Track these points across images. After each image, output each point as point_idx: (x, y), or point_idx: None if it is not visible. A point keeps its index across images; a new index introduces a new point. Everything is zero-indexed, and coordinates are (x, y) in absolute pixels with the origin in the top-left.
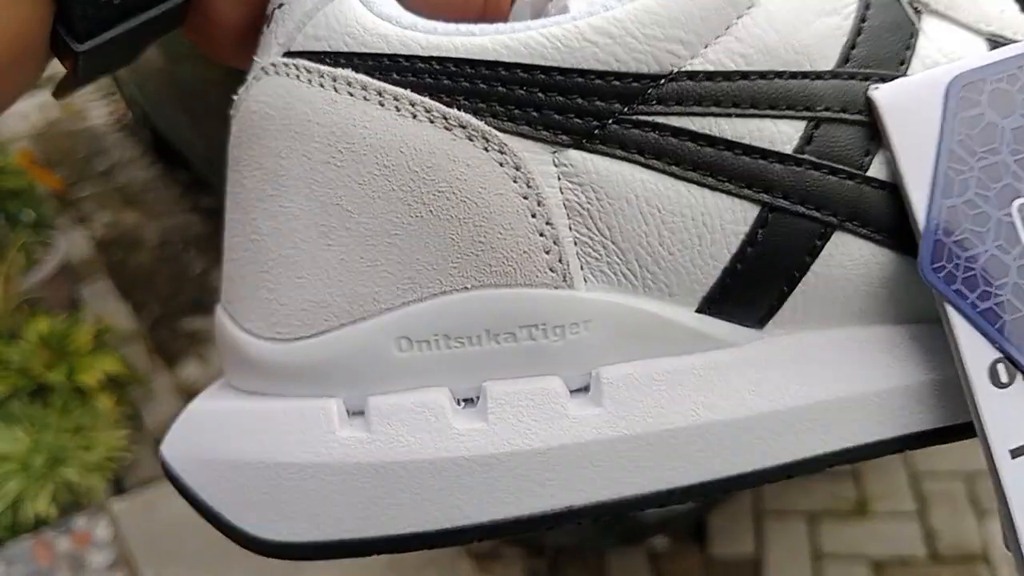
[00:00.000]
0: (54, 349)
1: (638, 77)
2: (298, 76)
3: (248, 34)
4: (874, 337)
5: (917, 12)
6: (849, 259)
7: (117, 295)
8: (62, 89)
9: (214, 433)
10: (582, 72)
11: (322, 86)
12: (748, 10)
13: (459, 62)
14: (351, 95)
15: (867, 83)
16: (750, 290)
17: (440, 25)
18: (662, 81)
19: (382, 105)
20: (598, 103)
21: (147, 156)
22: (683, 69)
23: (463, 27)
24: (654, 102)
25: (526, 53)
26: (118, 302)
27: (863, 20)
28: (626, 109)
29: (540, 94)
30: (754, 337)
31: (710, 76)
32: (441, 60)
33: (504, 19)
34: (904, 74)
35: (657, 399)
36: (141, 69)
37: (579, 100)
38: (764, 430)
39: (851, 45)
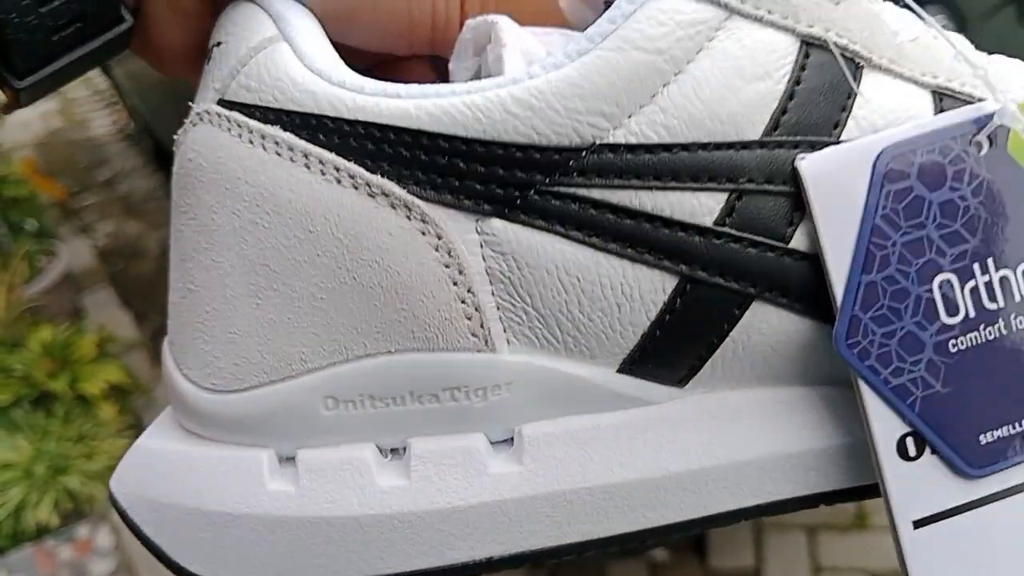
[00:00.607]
0: (57, 358)
1: (559, 150)
2: (229, 130)
3: (194, 55)
4: (791, 398)
5: (858, 68)
6: (768, 327)
7: (119, 304)
8: (6, 109)
9: (157, 474)
10: (503, 145)
11: (251, 143)
12: (675, 77)
13: (383, 128)
14: (279, 155)
15: (795, 151)
16: (669, 354)
17: (368, 83)
18: (583, 153)
19: (308, 168)
20: (519, 174)
21: (149, 166)
22: (605, 141)
23: (390, 88)
24: (575, 174)
25: (448, 123)
26: (120, 311)
27: (797, 83)
28: (547, 180)
29: (462, 164)
30: (674, 395)
31: (631, 149)
32: (365, 124)
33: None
34: (838, 138)
35: (576, 457)
36: (143, 79)
37: (500, 171)
38: (679, 488)
39: (782, 110)
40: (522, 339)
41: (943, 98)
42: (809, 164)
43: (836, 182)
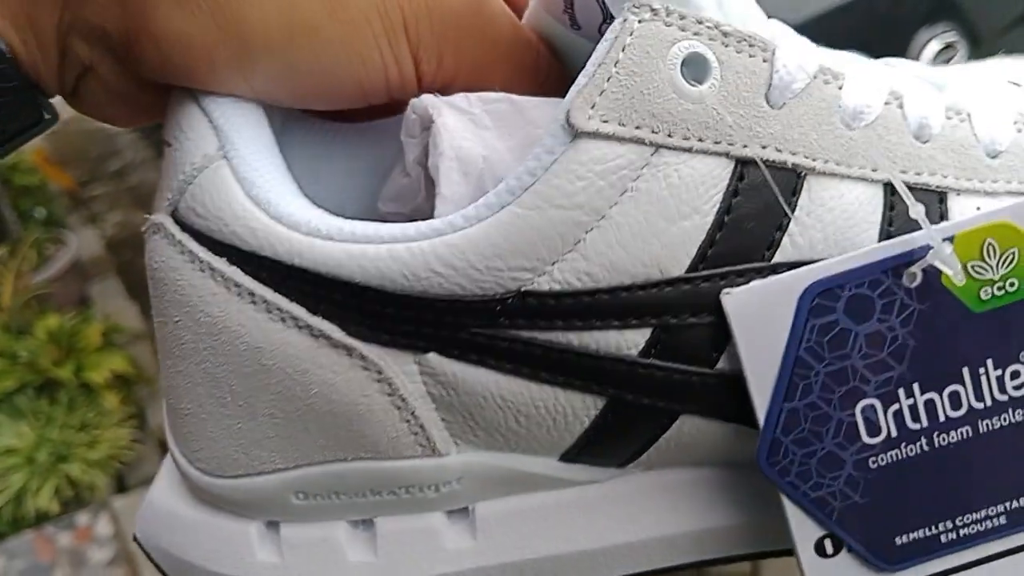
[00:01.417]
0: (62, 346)
1: (483, 301)
2: (183, 253)
3: (139, 119)
4: (724, 477)
5: (800, 177)
6: (697, 431)
7: (125, 295)
8: None
9: (168, 529)
10: (429, 300)
11: (202, 271)
12: (598, 222)
13: (317, 275)
14: (227, 289)
15: (722, 283)
16: (605, 451)
17: (304, 218)
18: (508, 301)
19: (254, 304)
20: (448, 319)
21: (160, 158)
22: (528, 289)
23: (323, 227)
24: (501, 318)
25: (376, 276)
26: (126, 301)
27: (728, 211)
28: (475, 324)
29: (392, 311)
30: (615, 474)
31: (555, 296)
32: (301, 270)
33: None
34: (770, 259)
35: (524, 532)
36: None
37: (429, 317)
38: (619, 554)
39: (709, 243)
40: (468, 442)
41: (895, 191)
42: (733, 300)
43: (760, 317)
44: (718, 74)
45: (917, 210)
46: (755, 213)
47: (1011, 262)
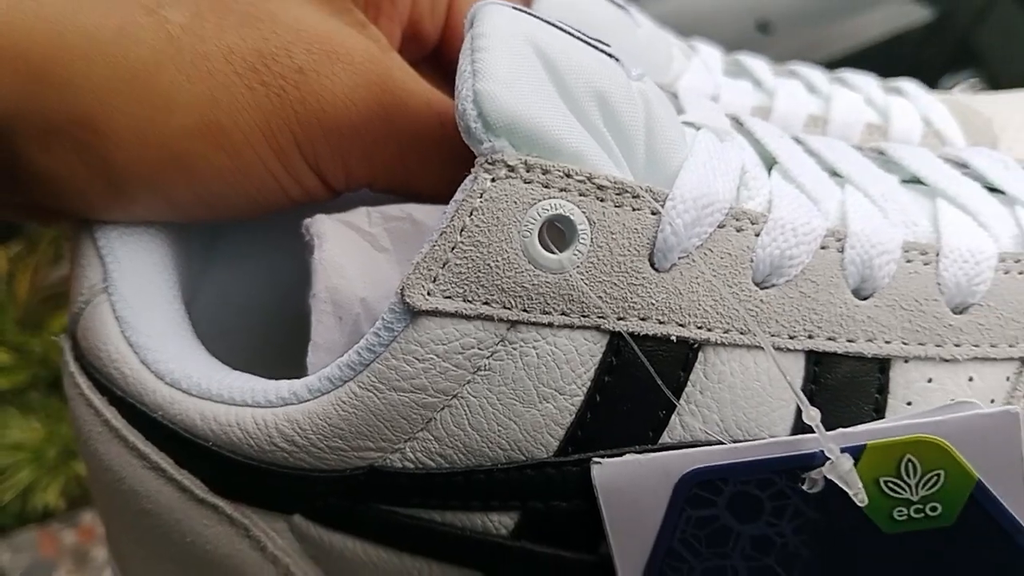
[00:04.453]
0: None
1: (331, 476)
2: (75, 386)
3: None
4: None
5: (693, 349)
6: None
7: None
8: None
9: None
10: (277, 472)
11: (88, 405)
12: (450, 401)
13: (175, 433)
14: (108, 430)
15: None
16: None
17: (168, 367)
18: (360, 477)
19: (129, 450)
20: (302, 488)
21: None
22: (380, 466)
23: (184, 378)
24: (357, 493)
25: (227, 443)
26: None
27: (601, 390)
28: (330, 495)
29: (248, 477)
30: None
31: (410, 475)
32: (162, 424)
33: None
34: (656, 442)
35: None
36: None
37: (284, 485)
38: None
39: (578, 425)
40: None
41: (819, 360)
42: (603, 473)
43: (631, 498)
44: (587, 236)
45: (811, 415)
46: (632, 393)
47: (934, 484)
